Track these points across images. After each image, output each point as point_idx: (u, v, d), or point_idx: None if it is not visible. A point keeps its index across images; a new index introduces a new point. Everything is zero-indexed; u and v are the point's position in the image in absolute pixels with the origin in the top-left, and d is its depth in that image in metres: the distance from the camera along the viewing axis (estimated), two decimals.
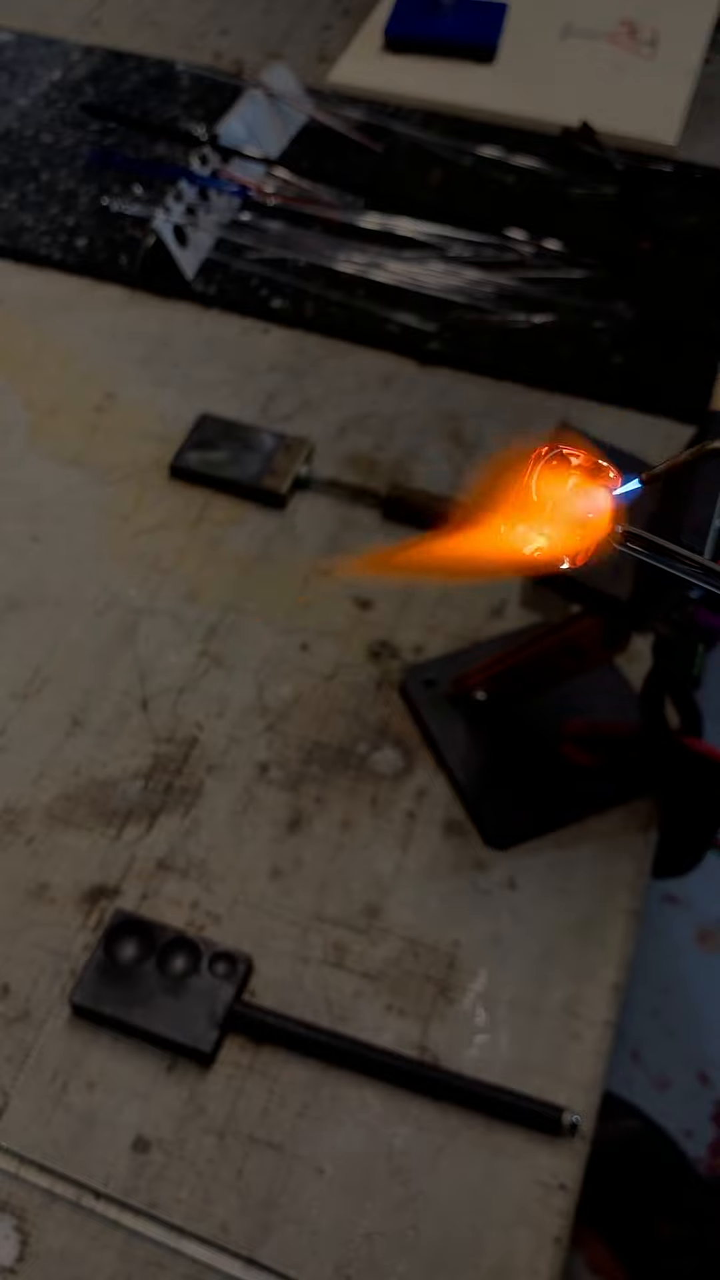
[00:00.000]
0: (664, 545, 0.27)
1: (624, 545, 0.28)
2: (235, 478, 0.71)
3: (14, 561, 0.68)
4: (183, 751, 0.60)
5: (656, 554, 0.27)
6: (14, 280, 0.85)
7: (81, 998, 0.51)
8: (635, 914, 0.55)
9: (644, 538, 0.27)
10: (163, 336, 0.81)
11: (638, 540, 0.28)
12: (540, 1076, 0.50)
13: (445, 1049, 0.51)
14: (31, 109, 0.99)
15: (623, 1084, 1.11)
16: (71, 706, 0.62)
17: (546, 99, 0.97)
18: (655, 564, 0.27)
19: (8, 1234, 0.47)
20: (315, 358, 0.79)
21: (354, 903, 0.55)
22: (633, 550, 0.28)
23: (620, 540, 0.28)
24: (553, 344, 0.80)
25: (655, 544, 0.27)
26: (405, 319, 0.81)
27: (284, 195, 0.87)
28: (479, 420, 0.75)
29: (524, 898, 0.55)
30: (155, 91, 1.00)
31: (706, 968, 1.21)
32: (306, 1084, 0.50)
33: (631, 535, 0.28)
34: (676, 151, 0.95)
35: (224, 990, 0.51)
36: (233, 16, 1.10)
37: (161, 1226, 0.47)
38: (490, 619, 0.65)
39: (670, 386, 0.77)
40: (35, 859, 0.56)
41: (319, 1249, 0.46)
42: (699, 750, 0.53)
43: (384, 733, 0.61)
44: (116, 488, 0.72)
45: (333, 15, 1.10)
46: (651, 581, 0.46)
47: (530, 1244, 0.47)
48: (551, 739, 0.59)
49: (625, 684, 0.61)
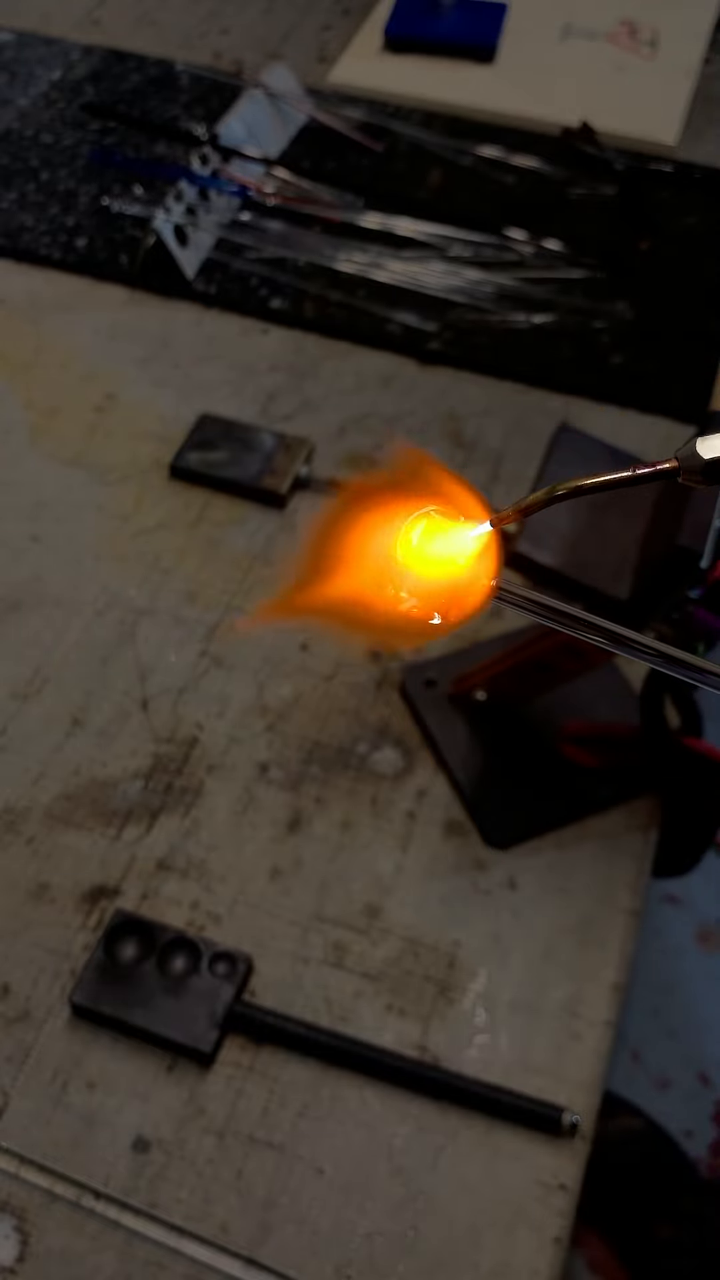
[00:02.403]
0: (537, 599, 0.26)
1: (499, 599, 0.27)
2: (235, 478, 0.71)
3: (14, 561, 0.68)
4: (183, 751, 0.60)
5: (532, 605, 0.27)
6: (14, 280, 0.85)
7: (81, 998, 0.51)
8: (635, 914, 0.55)
9: (515, 593, 0.26)
10: (163, 336, 0.81)
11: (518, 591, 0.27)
12: (540, 1076, 0.50)
13: (445, 1049, 0.51)
14: (31, 109, 0.99)
15: (623, 1084, 1.11)
16: (71, 706, 0.62)
17: (546, 99, 0.97)
18: (532, 614, 0.27)
19: (8, 1234, 0.47)
20: (315, 358, 0.79)
21: (354, 903, 0.55)
22: (509, 602, 0.27)
23: (494, 594, 0.27)
24: (553, 344, 0.80)
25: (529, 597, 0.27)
26: (405, 319, 0.81)
27: (284, 195, 0.87)
28: (479, 420, 0.75)
29: (524, 898, 0.55)
30: (155, 91, 1.00)
31: (706, 968, 1.21)
32: (306, 1084, 0.50)
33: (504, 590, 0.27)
34: (676, 151, 0.95)
35: (224, 990, 0.51)
36: (233, 16, 1.10)
37: (161, 1226, 0.47)
38: (490, 619, 0.65)
39: (670, 386, 0.77)
40: (35, 859, 0.56)
41: (319, 1249, 0.46)
42: (699, 750, 0.53)
43: (384, 733, 0.61)
44: (116, 488, 0.72)
45: (333, 15, 1.10)
46: (651, 582, 0.46)
47: (530, 1244, 0.47)
48: (551, 739, 0.59)
49: (625, 684, 0.61)
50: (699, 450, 0.24)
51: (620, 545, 0.48)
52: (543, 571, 0.48)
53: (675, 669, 0.26)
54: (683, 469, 0.25)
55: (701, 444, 0.24)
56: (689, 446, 0.24)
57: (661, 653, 0.26)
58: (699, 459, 0.24)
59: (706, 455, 0.24)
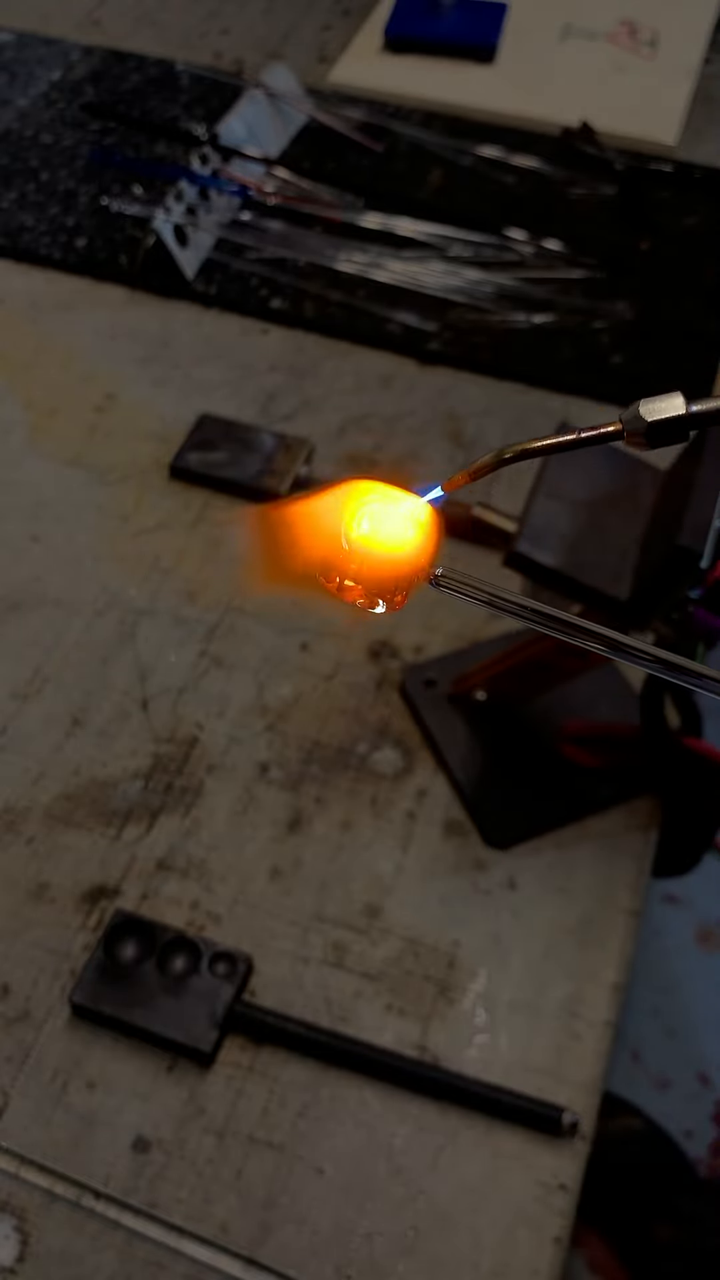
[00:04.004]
0: (479, 587, 0.26)
1: (438, 585, 0.27)
2: (235, 478, 0.71)
3: (14, 561, 0.68)
4: (183, 751, 0.60)
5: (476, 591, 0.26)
6: (14, 280, 0.85)
7: (81, 997, 0.51)
8: (635, 914, 0.55)
9: (456, 580, 0.26)
10: (163, 336, 0.81)
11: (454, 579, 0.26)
12: (540, 1076, 0.50)
13: (445, 1049, 0.51)
14: (31, 109, 0.99)
15: (623, 1084, 1.11)
16: (71, 706, 0.62)
17: (546, 99, 0.97)
18: (476, 601, 0.26)
19: (8, 1234, 0.47)
20: (315, 358, 0.79)
21: (354, 903, 0.55)
22: (450, 589, 0.27)
23: (435, 582, 0.27)
24: (553, 344, 0.80)
25: (470, 584, 0.26)
26: (405, 319, 0.81)
27: (284, 195, 0.87)
28: (479, 420, 0.75)
29: (524, 898, 0.55)
30: (155, 91, 1.00)
31: (706, 968, 1.21)
32: (306, 1084, 0.50)
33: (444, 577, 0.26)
34: (676, 151, 0.95)
35: (224, 990, 0.51)
36: (233, 16, 1.10)
37: (161, 1226, 0.47)
38: (490, 619, 0.65)
39: (670, 386, 0.77)
40: (35, 859, 0.56)
41: (319, 1249, 0.46)
42: (699, 750, 0.53)
43: (384, 733, 0.61)
44: (116, 488, 0.72)
45: (333, 15, 1.10)
46: (651, 582, 0.46)
47: (530, 1244, 0.47)
48: (551, 739, 0.59)
49: (625, 684, 0.61)
50: (642, 413, 0.25)
51: (620, 545, 0.48)
52: (543, 571, 0.48)
53: (670, 672, 0.26)
54: (627, 430, 0.25)
55: (644, 406, 0.25)
56: (633, 409, 0.25)
57: (656, 655, 0.26)
58: (642, 421, 0.25)
59: (650, 418, 0.25)
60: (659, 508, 0.49)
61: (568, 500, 0.50)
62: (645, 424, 0.25)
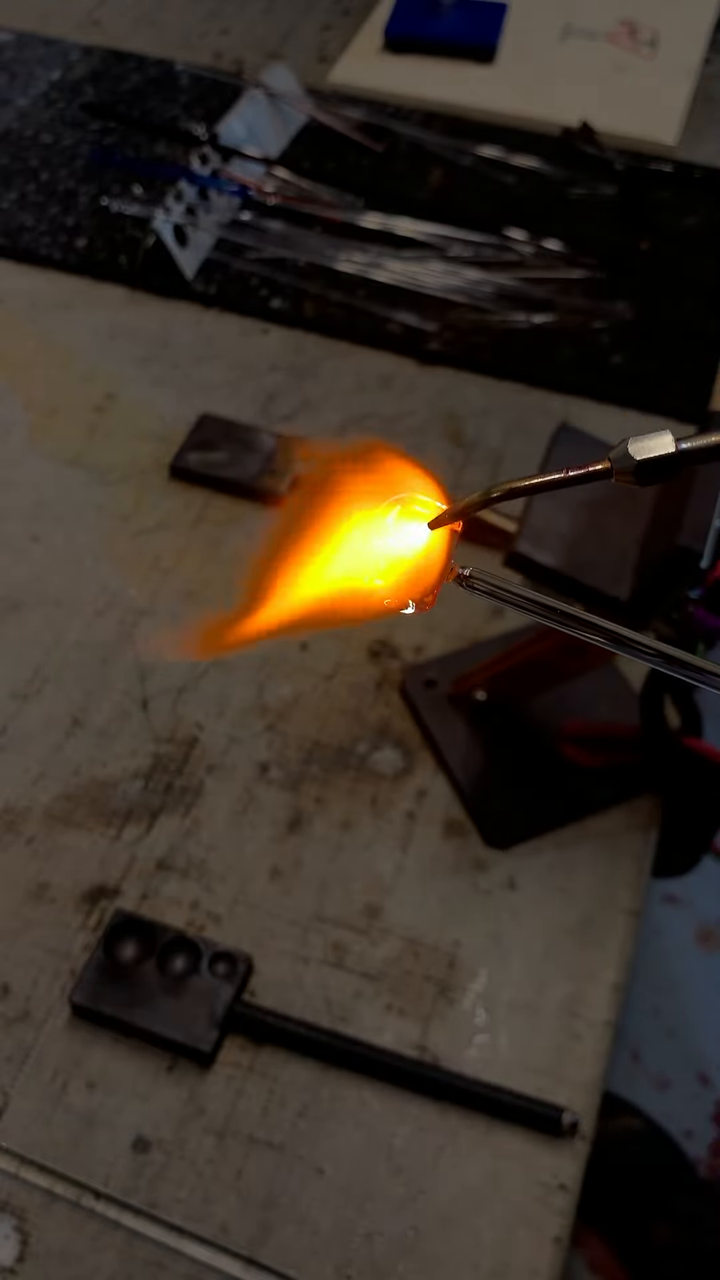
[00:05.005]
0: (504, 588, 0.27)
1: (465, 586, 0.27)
2: (235, 478, 0.71)
3: (14, 561, 0.68)
4: (183, 751, 0.60)
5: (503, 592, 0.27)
6: (14, 280, 0.85)
7: (81, 998, 0.51)
8: (635, 914, 0.55)
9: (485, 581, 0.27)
10: (163, 336, 0.81)
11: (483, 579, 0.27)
12: (540, 1076, 0.50)
13: (445, 1049, 0.51)
14: (31, 109, 0.99)
15: (623, 1084, 1.11)
16: (71, 706, 0.62)
17: (546, 99, 0.97)
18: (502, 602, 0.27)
19: (8, 1234, 0.47)
20: (315, 358, 0.79)
21: (354, 903, 0.55)
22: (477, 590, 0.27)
23: (462, 582, 0.27)
24: (553, 344, 0.80)
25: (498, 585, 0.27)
26: (405, 319, 0.81)
27: (284, 195, 0.87)
28: (479, 420, 0.75)
29: (524, 898, 0.55)
30: (155, 91, 1.00)
31: (706, 968, 1.21)
32: (306, 1084, 0.50)
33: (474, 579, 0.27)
34: (676, 151, 0.95)
35: (224, 990, 0.51)
36: (233, 16, 1.10)
37: (161, 1226, 0.47)
38: (490, 619, 0.65)
39: (670, 386, 0.77)
40: (35, 859, 0.56)
41: (319, 1249, 0.46)
42: (699, 750, 0.53)
43: (384, 733, 0.61)
44: (116, 488, 0.72)
45: (333, 15, 1.10)
46: (651, 582, 0.46)
47: (530, 1244, 0.47)
48: (551, 739, 0.59)
49: (625, 684, 0.61)
50: (631, 452, 0.25)
51: (620, 545, 0.48)
52: (543, 571, 0.48)
53: (672, 667, 0.26)
54: (616, 469, 0.25)
55: (633, 445, 0.25)
56: (621, 447, 0.25)
57: (661, 651, 0.26)
58: (631, 460, 0.25)
59: (639, 457, 0.25)
60: (659, 508, 0.49)
61: (568, 500, 0.50)
62: (634, 463, 0.25)
